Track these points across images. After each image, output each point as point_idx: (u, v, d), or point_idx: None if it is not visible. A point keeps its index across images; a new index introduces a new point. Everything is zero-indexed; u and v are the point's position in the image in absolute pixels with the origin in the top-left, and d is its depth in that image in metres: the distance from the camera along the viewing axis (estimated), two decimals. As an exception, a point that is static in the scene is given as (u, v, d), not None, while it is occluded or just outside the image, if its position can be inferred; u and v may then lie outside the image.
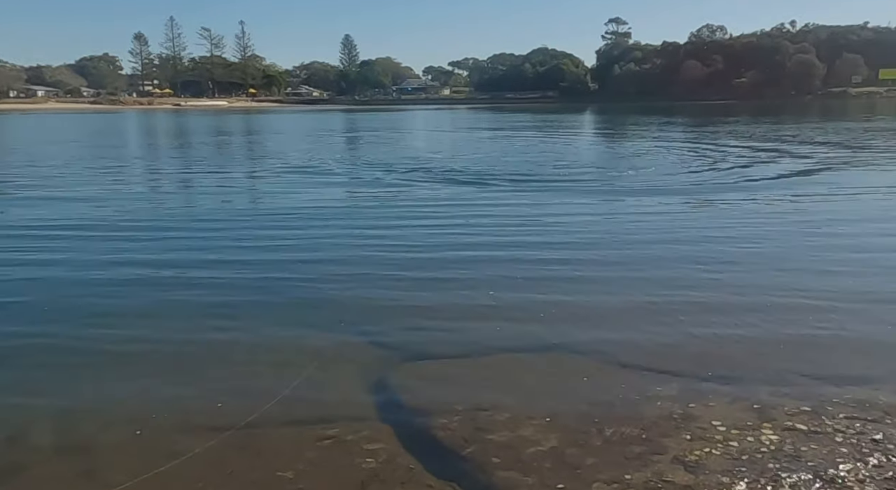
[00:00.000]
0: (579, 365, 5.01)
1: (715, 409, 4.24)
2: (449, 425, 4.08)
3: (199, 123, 58.92)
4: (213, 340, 5.55)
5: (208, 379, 4.84)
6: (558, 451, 3.77)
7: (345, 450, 3.82)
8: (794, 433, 3.90)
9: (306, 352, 5.29)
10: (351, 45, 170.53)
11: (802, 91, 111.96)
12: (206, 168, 20.20)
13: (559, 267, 7.55)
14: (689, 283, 6.88)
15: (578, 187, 13.63)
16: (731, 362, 4.97)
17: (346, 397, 4.51)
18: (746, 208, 10.94)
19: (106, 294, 6.80)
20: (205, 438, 3.96)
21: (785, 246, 8.35)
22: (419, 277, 7.29)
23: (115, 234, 9.73)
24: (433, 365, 5.08)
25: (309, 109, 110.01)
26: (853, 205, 11.45)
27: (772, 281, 6.90)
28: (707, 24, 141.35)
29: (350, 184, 15.43)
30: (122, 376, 4.87)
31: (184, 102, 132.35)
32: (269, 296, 6.69)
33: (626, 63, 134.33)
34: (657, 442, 3.84)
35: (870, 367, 4.84)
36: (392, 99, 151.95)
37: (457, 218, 10.52)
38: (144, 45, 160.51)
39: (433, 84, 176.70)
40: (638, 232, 9.20)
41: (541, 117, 61.51)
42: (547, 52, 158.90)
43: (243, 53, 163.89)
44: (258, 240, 9.26)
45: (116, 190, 15.08)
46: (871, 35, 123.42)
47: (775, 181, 14.22)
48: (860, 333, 5.46)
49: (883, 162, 18.13)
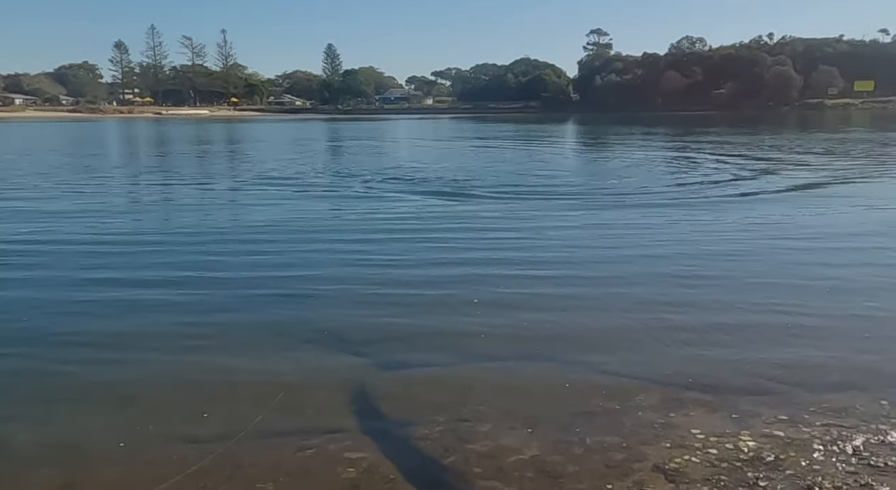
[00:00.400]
0: (561, 374, 5.02)
1: (694, 417, 4.27)
2: (430, 435, 4.07)
3: (179, 133, 58.52)
4: (190, 356, 5.50)
5: (188, 395, 4.80)
6: (539, 460, 3.78)
7: (325, 460, 3.79)
8: (772, 440, 3.94)
9: (287, 364, 5.26)
10: (334, 54, 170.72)
11: (780, 102, 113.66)
12: (182, 180, 19.65)
13: (541, 279, 7.57)
14: (668, 296, 6.92)
15: (561, 200, 13.54)
16: (710, 371, 5.01)
17: (327, 408, 4.49)
18: (726, 222, 10.98)
19: (73, 315, 6.54)
20: (185, 453, 3.92)
21: (763, 259, 8.40)
22: (399, 289, 7.27)
23: (83, 251, 9.34)
24: (414, 375, 5.07)
25: (291, 119, 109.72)
26: (835, 218, 11.55)
27: (750, 293, 6.97)
28: (687, 36, 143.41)
29: (330, 196, 15.15)
30: (97, 401, 4.81)
31: (165, 111, 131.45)
32: (246, 310, 6.62)
33: (608, 74, 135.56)
34: (637, 450, 3.86)
35: (847, 374, 4.90)
36: (375, 108, 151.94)
37: (438, 231, 10.45)
38: (125, 53, 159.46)
39: (416, 94, 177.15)
40: (619, 246, 9.18)
41: (523, 127, 61.86)
42: (529, 63, 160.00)
43: (225, 62, 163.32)
44: (235, 255, 9.05)
45: (88, 203, 14.42)
46: (846, 48, 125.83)
47: (757, 195, 14.33)
48: (837, 343, 5.54)
49: (867, 174, 18.41)
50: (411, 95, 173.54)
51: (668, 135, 44.92)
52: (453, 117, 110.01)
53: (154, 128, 70.92)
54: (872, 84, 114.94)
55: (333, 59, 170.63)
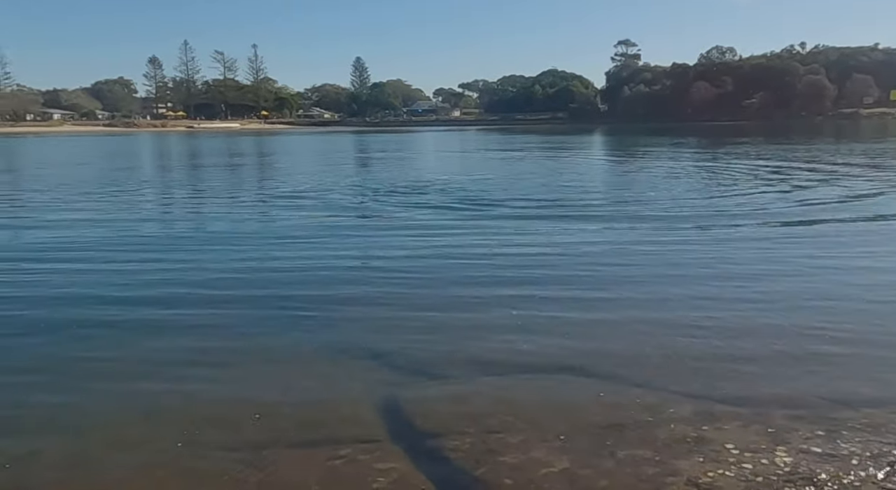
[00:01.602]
0: (592, 386, 4.99)
1: (728, 431, 4.20)
2: (461, 446, 4.07)
3: (210, 146, 59.52)
4: (221, 371, 5.58)
5: (221, 408, 4.86)
6: (570, 473, 3.75)
7: (356, 470, 3.81)
8: (808, 456, 3.86)
9: (316, 377, 5.31)
10: (362, 67, 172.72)
11: (813, 112, 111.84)
12: (209, 192, 19.96)
13: (572, 294, 7.51)
14: (701, 308, 6.85)
15: (592, 214, 13.31)
16: (744, 384, 4.93)
17: (357, 418, 4.51)
18: (763, 239, 10.70)
19: (83, 335, 6.57)
20: (217, 462, 3.97)
21: (797, 277, 8.14)
22: (430, 299, 7.31)
23: (97, 264, 9.42)
24: (444, 385, 5.08)
25: (320, 131, 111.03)
26: (878, 231, 11.28)
27: (786, 306, 6.87)
28: (717, 46, 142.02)
29: (354, 210, 15.06)
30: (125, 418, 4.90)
31: (197, 125, 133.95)
32: (276, 326, 6.66)
33: (636, 84, 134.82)
34: (670, 464, 3.81)
35: (885, 390, 4.79)
36: (403, 120, 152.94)
37: (469, 244, 10.37)
38: (158, 68, 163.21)
39: (444, 106, 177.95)
40: (651, 264, 8.94)
41: (551, 139, 61.71)
42: (556, 74, 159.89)
43: (256, 76, 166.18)
44: (260, 271, 9.15)
45: (110, 215, 14.58)
46: (882, 56, 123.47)
47: (789, 209, 14.11)
48: (876, 357, 5.41)
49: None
50: (439, 108, 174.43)
51: (698, 146, 44.45)
52: (480, 129, 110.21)
53: (186, 141, 72.25)
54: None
55: (361, 72, 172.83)
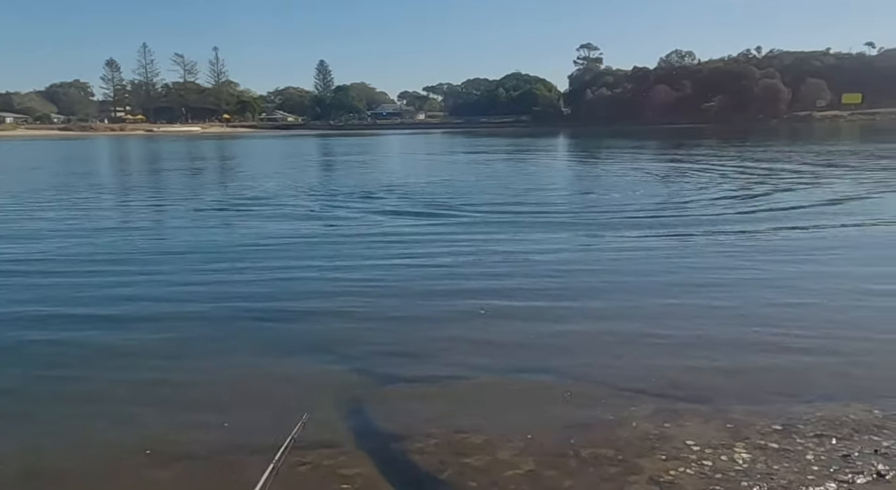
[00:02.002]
0: (556, 388, 5.03)
1: (689, 428, 4.28)
2: (425, 449, 4.07)
3: (170, 150, 58.44)
4: (176, 375, 5.49)
5: (175, 414, 4.78)
6: (535, 474, 3.77)
7: (320, 475, 3.78)
8: (766, 451, 3.95)
9: (280, 379, 5.26)
10: (326, 70, 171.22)
11: (769, 115, 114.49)
12: (168, 199, 19.34)
13: (535, 297, 7.59)
14: (662, 312, 6.97)
15: (557, 220, 13.25)
16: (704, 383, 5.03)
17: (322, 423, 4.46)
18: (720, 239, 10.84)
19: (73, 324, 6.59)
20: (181, 470, 3.90)
21: (754, 277, 8.35)
22: (393, 305, 7.30)
23: (52, 278, 9.16)
24: (410, 389, 5.07)
25: (283, 135, 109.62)
26: (836, 233, 11.50)
27: (743, 308, 7.04)
28: (676, 50, 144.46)
29: (318, 217, 14.51)
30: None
31: (156, 128, 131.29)
32: (238, 329, 6.64)
33: (598, 88, 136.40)
34: (632, 463, 3.87)
35: (840, 385, 4.93)
36: (367, 124, 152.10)
37: (436, 251, 10.23)
38: (116, 71, 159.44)
39: (408, 109, 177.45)
40: (614, 267, 9.02)
41: (515, 142, 62.04)
42: (520, 77, 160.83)
43: (217, 79, 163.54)
44: (225, 272, 9.10)
45: (65, 224, 13.80)
46: (834, 61, 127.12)
47: (753, 214, 14.36)
48: (829, 355, 5.57)
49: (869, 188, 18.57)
50: (403, 111, 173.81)
51: (659, 149, 45.17)
52: (445, 132, 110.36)
53: (145, 145, 70.76)
54: (860, 96, 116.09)
55: (325, 75, 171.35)
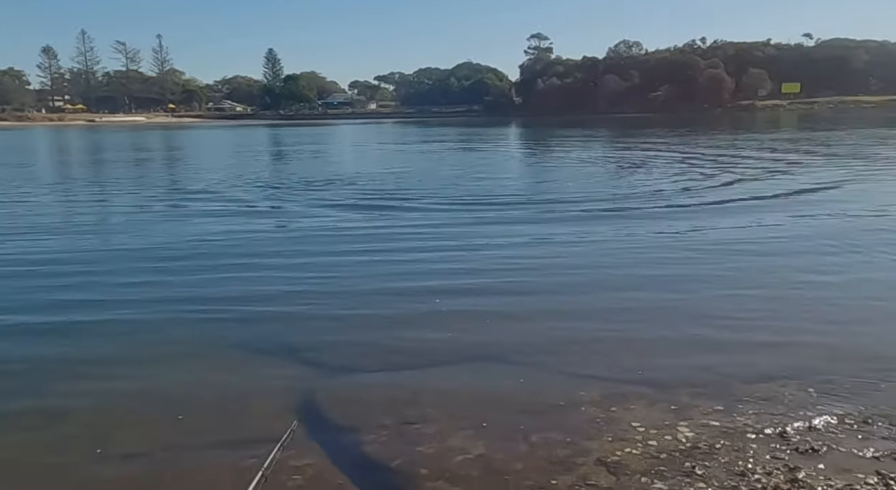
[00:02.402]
0: (506, 375, 5.10)
1: (635, 410, 4.39)
2: (377, 439, 4.08)
3: (112, 141, 56.64)
4: (126, 371, 5.36)
5: (132, 411, 4.68)
6: (485, 459, 3.82)
7: (271, 469, 3.74)
8: (708, 430, 4.09)
9: (229, 374, 5.19)
10: (275, 59, 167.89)
11: (714, 104, 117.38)
12: (104, 194, 18.46)
13: (489, 288, 7.63)
14: (612, 298, 7.15)
15: (510, 209, 13.34)
16: (651, 366, 5.16)
17: (273, 415, 4.43)
18: (663, 231, 11.00)
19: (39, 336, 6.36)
20: (122, 469, 3.82)
21: (701, 267, 8.50)
22: (344, 297, 7.27)
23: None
24: (361, 380, 5.06)
25: (232, 125, 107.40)
26: (778, 223, 11.80)
27: (687, 298, 7.27)
28: (624, 40, 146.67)
29: (268, 212, 14.13)
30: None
31: (98, 118, 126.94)
32: (186, 325, 6.52)
33: (549, 77, 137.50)
34: (581, 445, 3.95)
35: (777, 365, 5.12)
36: (318, 114, 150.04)
37: (380, 243, 10.17)
38: (53, 59, 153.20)
39: (359, 98, 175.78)
40: (561, 255, 9.13)
41: (467, 131, 62.19)
42: (472, 67, 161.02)
43: (161, 68, 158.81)
44: (176, 272, 8.94)
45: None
46: (774, 51, 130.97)
47: (695, 198, 14.76)
48: (767, 337, 5.78)
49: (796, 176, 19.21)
50: (354, 100, 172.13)
51: (609, 138, 45.89)
52: (397, 122, 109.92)
53: (86, 136, 68.40)
54: (798, 86, 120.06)
55: (274, 64, 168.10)
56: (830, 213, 12.03)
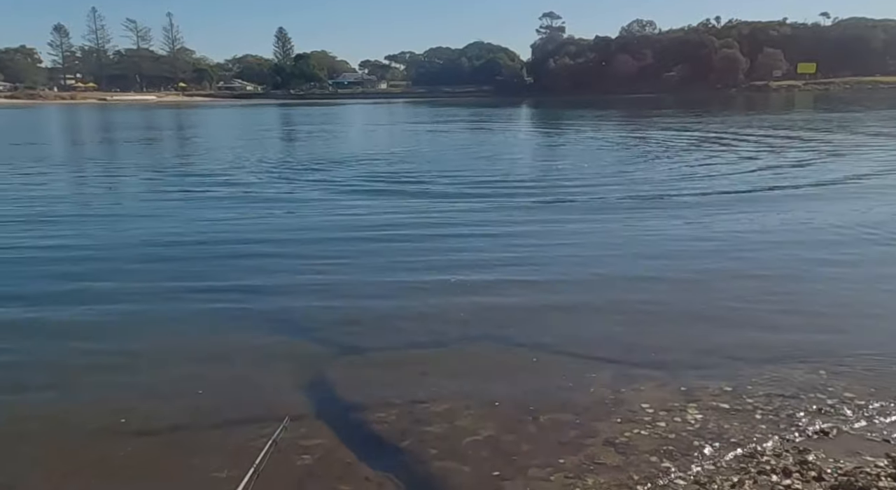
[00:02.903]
0: (516, 356, 5.11)
1: (644, 392, 4.39)
2: (386, 419, 4.10)
3: (123, 120, 56.71)
4: (142, 346, 5.42)
5: (140, 388, 4.73)
6: (494, 440, 3.84)
7: (279, 448, 3.78)
8: (717, 412, 4.09)
9: (239, 353, 5.22)
10: (285, 38, 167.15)
11: (728, 85, 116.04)
12: (123, 175, 18.62)
13: (499, 269, 7.62)
14: (622, 283, 7.13)
15: (523, 192, 13.04)
16: (660, 348, 5.15)
17: (283, 395, 4.47)
18: (676, 217, 10.95)
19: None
20: (133, 442, 3.87)
21: (714, 248, 8.52)
22: (355, 279, 7.29)
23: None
24: (370, 359, 5.09)
25: (243, 104, 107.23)
26: (793, 207, 11.75)
27: (700, 279, 7.25)
28: (637, 20, 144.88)
29: (282, 196, 13.59)
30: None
31: (110, 97, 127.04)
32: (199, 304, 6.57)
33: (561, 57, 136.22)
34: (589, 426, 3.96)
35: (787, 347, 5.10)
36: (328, 93, 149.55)
37: (396, 226, 10.09)
38: (65, 36, 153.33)
39: (370, 78, 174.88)
40: (575, 235, 9.14)
41: (479, 111, 61.73)
42: (483, 46, 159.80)
43: (172, 46, 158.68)
44: (187, 245, 9.07)
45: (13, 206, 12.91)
46: (790, 31, 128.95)
47: (706, 182, 14.63)
48: (778, 320, 5.75)
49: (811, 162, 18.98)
50: (365, 80, 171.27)
51: (622, 119, 45.46)
52: (408, 101, 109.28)
53: (97, 114, 68.51)
54: (814, 66, 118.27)
55: (285, 43, 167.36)
56: (872, 203, 11.20)
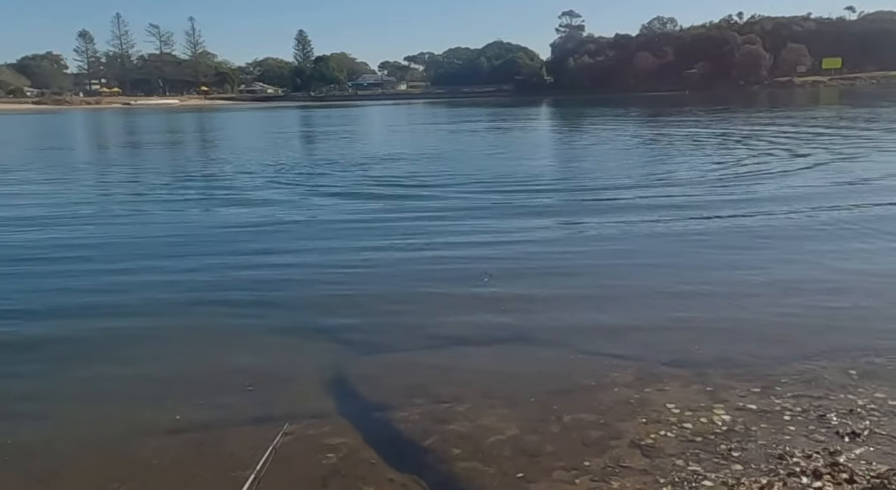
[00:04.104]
0: (538, 355, 5.07)
1: (669, 392, 4.33)
2: (409, 418, 4.09)
3: (147, 124, 57.44)
4: (168, 346, 5.47)
5: (168, 386, 4.77)
6: (518, 440, 3.81)
7: (305, 446, 3.80)
8: (744, 413, 4.02)
9: (264, 352, 5.25)
10: (305, 40, 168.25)
11: (750, 81, 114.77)
12: (148, 179, 18.78)
13: (520, 270, 7.58)
14: (646, 281, 7.00)
15: (546, 196, 12.45)
16: (685, 347, 5.08)
17: (306, 393, 4.48)
18: (703, 214, 10.90)
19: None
20: (161, 441, 3.90)
21: (722, 244, 8.41)
22: (376, 274, 7.31)
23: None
24: (393, 358, 5.09)
25: (264, 107, 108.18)
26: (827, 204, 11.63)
27: (720, 274, 7.15)
28: (658, 17, 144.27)
29: (298, 197, 13.60)
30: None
31: (133, 101, 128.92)
32: (225, 303, 6.62)
33: (580, 56, 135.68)
34: (614, 427, 3.92)
35: (817, 346, 5.00)
36: (348, 95, 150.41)
37: (418, 228, 9.91)
38: (90, 42, 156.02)
39: (389, 79, 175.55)
40: (597, 241, 9.02)
41: (498, 111, 61.60)
42: (502, 46, 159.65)
43: (194, 50, 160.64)
44: (213, 247, 9.13)
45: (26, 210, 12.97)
46: (814, 26, 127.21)
47: (731, 185, 14.45)
48: (807, 317, 5.65)
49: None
50: (385, 81, 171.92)
51: (644, 117, 45.11)
52: (427, 102, 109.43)
53: (122, 119, 69.49)
54: (840, 61, 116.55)
55: (305, 45, 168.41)
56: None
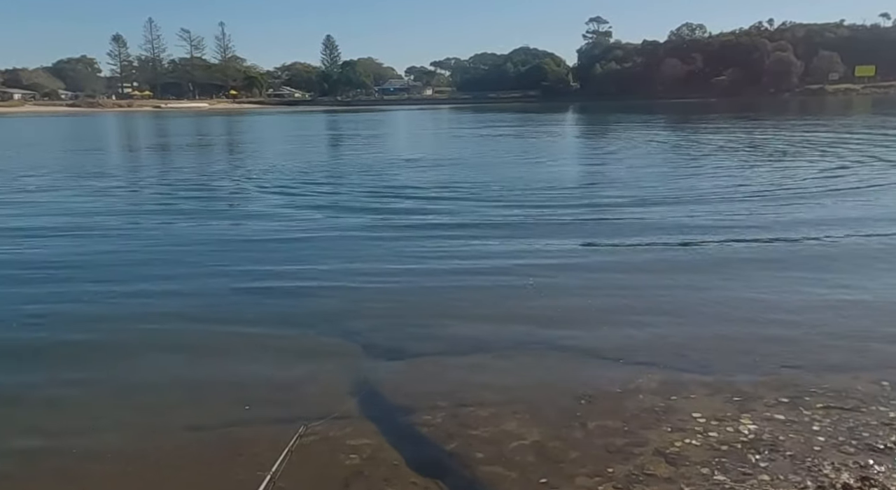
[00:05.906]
0: (561, 360, 5.04)
1: (695, 400, 4.28)
2: (432, 421, 4.09)
3: (177, 127, 58.32)
4: (193, 349, 5.54)
5: (190, 384, 4.83)
6: (541, 445, 3.79)
7: (328, 446, 3.82)
8: (772, 423, 3.95)
9: (288, 353, 5.29)
10: (332, 45, 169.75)
11: (781, 89, 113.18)
12: (177, 186, 19.10)
13: (543, 269, 7.58)
14: (665, 282, 6.95)
15: (568, 210, 11.98)
16: (711, 354, 5.02)
17: (330, 395, 4.50)
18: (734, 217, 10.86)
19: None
20: (183, 439, 3.95)
21: (766, 256, 8.34)
22: (402, 280, 7.31)
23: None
24: (416, 362, 5.09)
25: (291, 111, 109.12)
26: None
27: (751, 279, 7.01)
28: (686, 23, 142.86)
29: (324, 202, 13.57)
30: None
31: (164, 105, 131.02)
32: (251, 306, 6.68)
33: (608, 62, 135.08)
34: (639, 434, 3.88)
35: (848, 356, 4.90)
36: (374, 99, 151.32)
37: (444, 235, 9.80)
38: (123, 46, 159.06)
39: (415, 84, 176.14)
40: (619, 234, 9.12)
41: (525, 117, 61.42)
42: (529, 52, 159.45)
43: (223, 55, 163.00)
44: (238, 251, 9.20)
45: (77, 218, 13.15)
46: (847, 33, 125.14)
47: (756, 202, 14.25)
48: (839, 327, 5.54)
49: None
50: (411, 86, 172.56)
51: (672, 125, 44.72)
52: (453, 108, 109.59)
53: (153, 122, 70.62)
54: (873, 69, 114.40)
55: (332, 50, 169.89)
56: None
